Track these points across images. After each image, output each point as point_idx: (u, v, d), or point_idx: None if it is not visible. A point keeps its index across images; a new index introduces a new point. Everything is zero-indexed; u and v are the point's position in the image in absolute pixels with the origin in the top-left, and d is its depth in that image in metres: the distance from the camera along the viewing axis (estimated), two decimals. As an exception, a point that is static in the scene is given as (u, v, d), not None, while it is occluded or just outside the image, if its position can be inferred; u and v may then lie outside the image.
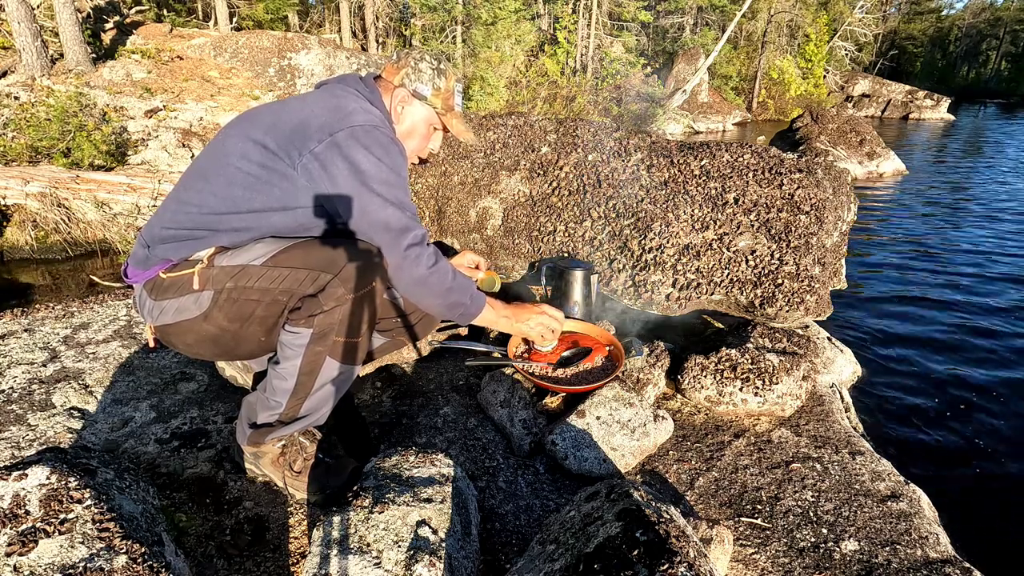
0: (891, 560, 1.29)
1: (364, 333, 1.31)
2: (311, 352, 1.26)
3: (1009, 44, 45.49)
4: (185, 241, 1.30)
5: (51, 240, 5.32)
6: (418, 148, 1.53)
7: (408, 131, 1.49)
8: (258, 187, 1.27)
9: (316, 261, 1.25)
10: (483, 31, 14.33)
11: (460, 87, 1.55)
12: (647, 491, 1.09)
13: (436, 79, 1.48)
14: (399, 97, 1.45)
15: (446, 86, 1.50)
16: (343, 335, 1.27)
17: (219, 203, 1.28)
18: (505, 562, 1.28)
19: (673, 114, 17.54)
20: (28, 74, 8.07)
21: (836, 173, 2.35)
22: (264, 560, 1.25)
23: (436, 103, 1.49)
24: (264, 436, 1.36)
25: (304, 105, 1.32)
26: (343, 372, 1.32)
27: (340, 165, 1.25)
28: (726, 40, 18.09)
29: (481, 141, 2.70)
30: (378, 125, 1.31)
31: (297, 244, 1.29)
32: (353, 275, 1.24)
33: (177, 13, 14.31)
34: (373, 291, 1.28)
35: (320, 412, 1.36)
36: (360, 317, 1.28)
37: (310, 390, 1.30)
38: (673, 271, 2.08)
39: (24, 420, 1.65)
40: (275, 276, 1.25)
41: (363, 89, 1.41)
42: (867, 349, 3.20)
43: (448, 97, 1.51)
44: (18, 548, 0.92)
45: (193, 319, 1.30)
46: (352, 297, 1.24)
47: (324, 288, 1.23)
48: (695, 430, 1.76)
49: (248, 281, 1.26)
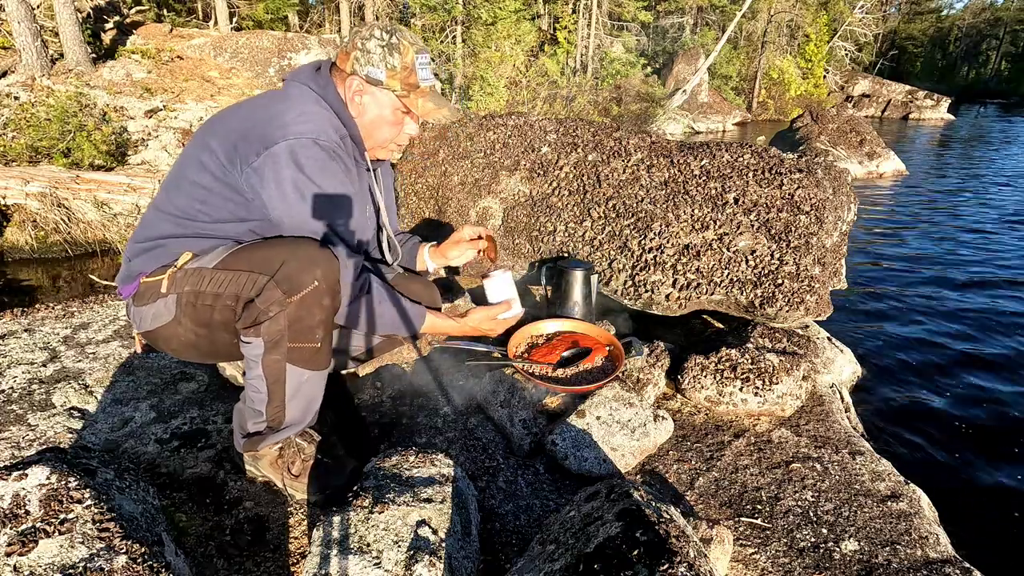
0: (891, 560, 1.29)
1: (321, 337, 1.24)
2: (269, 361, 1.22)
3: (1009, 44, 45.48)
4: (152, 251, 1.31)
5: (51, 240, 5.32)
6: (389, 138, 1.39)
7: (372, 123, 1.36)
8: (212, 200, 1.25)
9: (256, 262, 1.21)
10: (483, 31, 14.33)
11: (424, 58, 1.33)
12: (647, 491, 1.08)
13: (388, 57, 1.29)
14: (353, 87, 1.31)
15: (402, 62, 1.30)
16: (297, 341, 1.21)
17: (181, 214, 1.28)
18: (505, 562, 1.28)
19: (673, 114, 17.53)
20: (28, 74, 8.07)
21: (836, 173, 2.35)
22: (264, 560, 1.25)
23: (394, 85, 1.31)
24: (256, 444, 1.36)
25: (253, 110, 1.26)
26: (312, 377, 1.28)
27: (272, 183, 1.19)
28: (726, 40, 18.10)
29: (481, 138, 2.70)
30: (315, 137, 1.21)
31: (247, 245, 1.26)
32: (290, 276, 1.17)
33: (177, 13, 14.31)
34: (319, 291, 1.20)
35: (307, 416, 1.34)
36: (311, 320, 1.21)
37: (284, 398, 1.27)
38: (673, 271, 2.08)
39: (24, 420, 1.65)
40: (222, 280, 1.22)
41: (315, 85, 1.30)
42: (867, 349, 3.20)
43: (408, 75, 1.31)
44: (18, 548, 0.92)
45: (168, 324, 1.29)
46: (293, 300, 1.18)
47: (261, 292, 1.18)
48: (695, 430, 1.76)
49: (202, 285, 1.24)
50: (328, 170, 1.23)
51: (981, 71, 48.17)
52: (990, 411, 2.67)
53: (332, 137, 1.26)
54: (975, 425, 2.55)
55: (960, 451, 2.38)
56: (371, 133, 1.37)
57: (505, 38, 14.31)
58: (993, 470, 2.26)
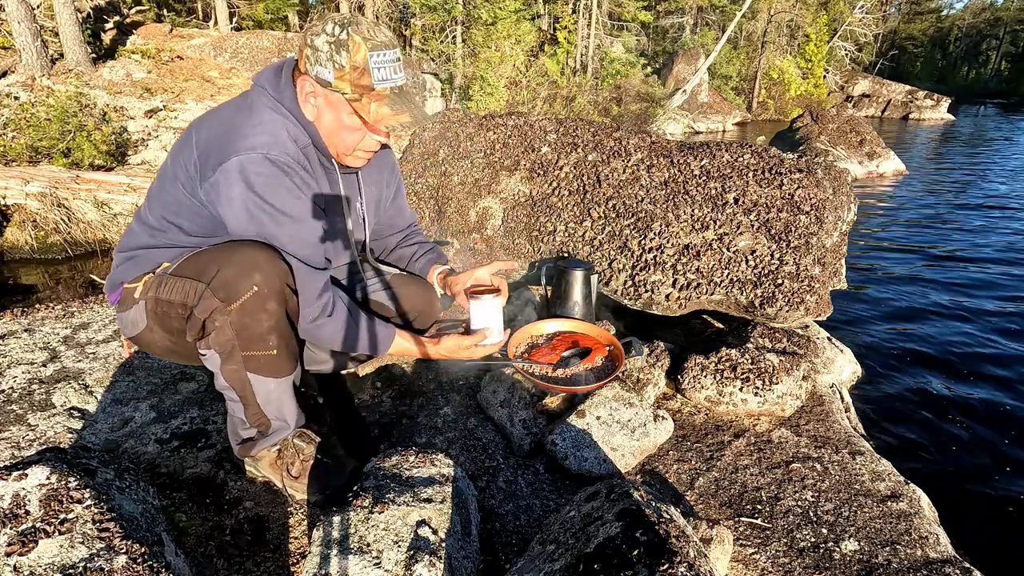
0: (891, 560, 1.29)
1: (275, 344, 1.18)
2: (228, 372, 1.19)
3: (1009, 44, 45.50)
4: (133, 260, 1.30)
5: (51, 240, 5.32)
6: (351, 144, 1.23)
7: (329, 129, 1.21)
8: (184, 214, 1.23)
9: (198, 269, 1.17)
10: (483, 31, 14.33)
11: (383, 56, 1.13)
12: (647, 491, 1.08)
13: (335, 55, 1.12)
14: (305, 89, 1.18)
15: (351, 62, 1.12)
16: (250, 349, 1.16)
17: (158, 227, 1.27)
18: (505, 562, 1.28)
19: (673, 114, 17.54)
20: (28, 74, 8.07)
21: (836, 173, 2.35)
22: (264, 560, 1.25)
23: (344, 87, 1.14)
24: (250, 449, 1.36)
25: (219, 120, 1.19)
26: (280, 384, 1.24)
27: (224, 201, 1.13)
28: (726, 40, 18.11)
29: (481, 138, 2.70)
30: (266, 152, 1.12)
31: (195, 252, 1.23)
32: (226, 282, 1.12)
33: (177, 13, 14.31)
34: (260, 296, 1.13)
35: (290, 418, 1.33)
36: (258, 327, 1.15)
37: (258, 405, 1.25)
38: (673, 271, 2.08)
39: (24, 420, 1.65)
40: (173, 287, 1.19)
41: (272, 89, 1.19)
42: (867, 349, 3.20)
43: (359, 75, 1.13)
44: (18, 548, 0.92)
45: (143, 331, 1.28)
46: (233, 308, 1.13)
47: (199, 300, 1.14)
48: (695, 430, 1.76)
49: (160, 291, 1.22)
50: (280, 186, 1.13)
51: (981, 71, 48.19)
52: (990, 411, 2.67)
53: (289, 148, 1.16)
54: (975, 425, 2.55)
55: (960, 451, 2.38)
56: (330, 139, 1.23)
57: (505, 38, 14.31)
58: (993, 470, 2.26)
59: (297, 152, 1.18)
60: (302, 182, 1.18)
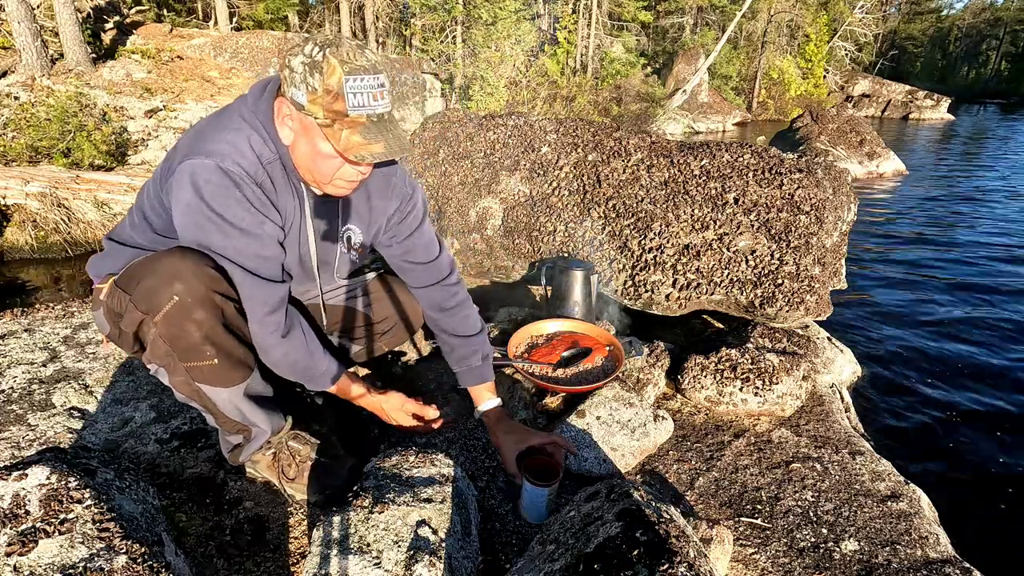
0: (891, 560, 1.29)
1: (212, 353, 1.12)
2: (178, 384, 1.16)
3: (1009, 44, 45.50)
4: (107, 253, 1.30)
5: (51, 240, 5.32)
6: (328, 173, 1.13)
7: (304, 155, 1.13)
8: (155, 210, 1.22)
9: (125, 279, 1.16)
10: (483, 31, 14.33)
11: (362, 81, 1.04)
12: (647, 491, 1.08)
13: (309, 77, 1.04)
14: (283, 113, 1.11)
15: (324, 84, 1.03)
16: (188, 360, 1.11)
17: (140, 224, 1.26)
18: (505, 562, 1.28)
19: (673, 114, 17.54)
20: (28, 74, 8.07)
21: (836, 173, 2.35)
22: (264, 560, 1.25)
23: (316, 112, 1.06)
24: (239, 456, 1.36)
25: (191, 132, 1.17)
26: (232, 391, 1.19)
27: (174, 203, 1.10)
28: (726, 40, 18.11)
29: (481, 138, 2.70)
30: (219, 162, 1.06)
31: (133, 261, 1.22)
32: (146, 294, 1.08)
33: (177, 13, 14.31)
34: (183, 306, 1.07)
35: (262, 423, 1.30)
36: (189, 338, 1.09)
37: (223, 414, 1.23)
38: (673, 271, 2.08)
39: (24, 420, 1.65)
40: (113, 296, 1.18)
41: (252, 102, 1.15)
42: (867, 349, 3.20)
43: (332, 99, 1.04)
44: (18, 548, 0.92)
45: (111, 333, 1.27)
46: (157, 319, 1.08)
47: (124, 312, 1.12)
48: (695, 430, 1.76)
49: (109, 300, 1.21)
50: (230, 197, 1.07)
51: (981, 71, 48.19)
52: (991, 411, 2.67)
53: (245, 161, 1.10)
54: (976, 425, 2.55)
55: (960, 451, 2.38)
56: (305, 166, 1.15)
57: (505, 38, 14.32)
58: (993, 470, 2.26)
59: (256, 166, 1.12)
60: (254, 196, 1.11)
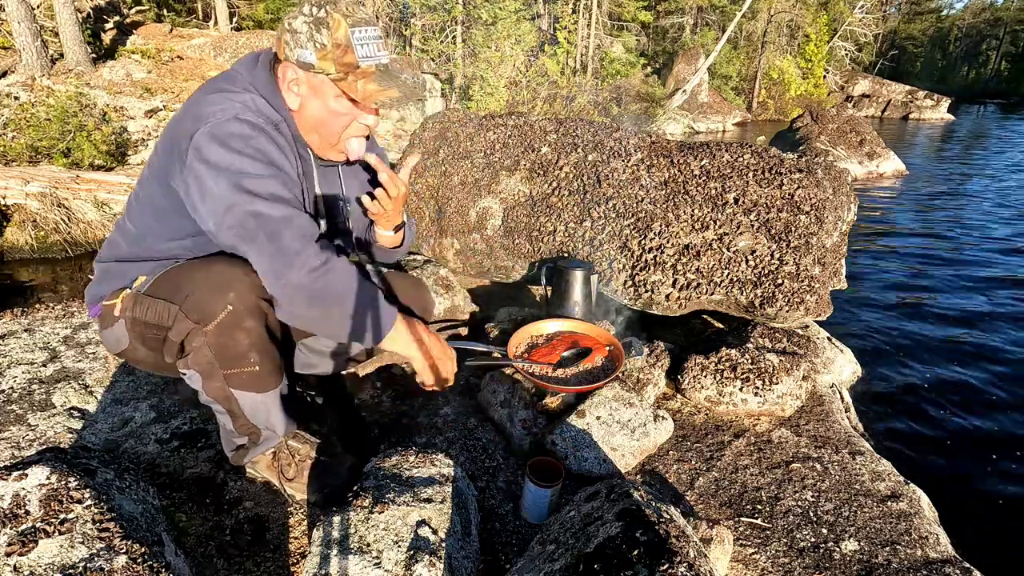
0: (891, 560, 1.29)
1: (256, 361, 1.14)
2: (212, 389, 1.17)
3: (1009, 44, 45.48)
4: (110, 274, 1.27)
5: (51, 240, 5.31)
6: (337, 131, 1.16)
7: (315, 117, 1.15)
8: (165, 219, 1.18)
9: (170, 290, 1.14)
10: (483, 31, 14.32)
11: (366, 32, 1.09)
12: (647, 491, 1.08)
13: (316, 34, 1.07)
14: (288, 78, 1.12)
15: (333, 38, 1.07)
16: (230, 368, 1.13)
17: (137, 234, 1.23)
18: (505, 562, 1.28)
19: (673, 114, 17.54)
20: (28, 74, 8.06)
21: (836, 173, 2.35)
22: (264, 560, 1.25)
23: (327, 67, 1.09)
24: (243, 457, 1.36)
25: (182, 113, 1.12)
26: (266, 398, 1.21)
27: (199, 172, 1.04)
28: (726, 40, 18.10)
29: (481, 138, 2.70)
30: (236, 114, 1.06)
31: (170, 270, 1.20)
32: (199, 304, 1.09)
33: (177, 13, 14.30)
34: (236, 314, 1.09)
35: (279, 428, 1.31)
36: (237, 346, 1.11)
37: (245, 417, 1.23)
38: (673, 271, 2.08)
39: (24, 420, 1.65)
40: (148, 307, 1.17)
41: (246, 73, 1.14)
42: (867, 349, 3.20)
43: (342, 52, 1.08)
44: (18, 548, 0.92)
45: (128, 349, 1.26)
46: (209, 329, 1.09)
47: (174, 323, 1.12)
48: (695, 430, 1.76)
49: (137, 311, 1.19)
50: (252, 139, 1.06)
51: (981, 71, 48.17)
52: (991, 411, 2.67)
53: (262, 116, 1.10)
54: (975, 425, 2.55)
55: (960, 451, 2.38)
56: (316, 128, 1.16)
57: (505, 38, 14.30)
58: (993, 470, 2.26)
59: (268, 123, 1.11)
60: (278, 147, 1.10)
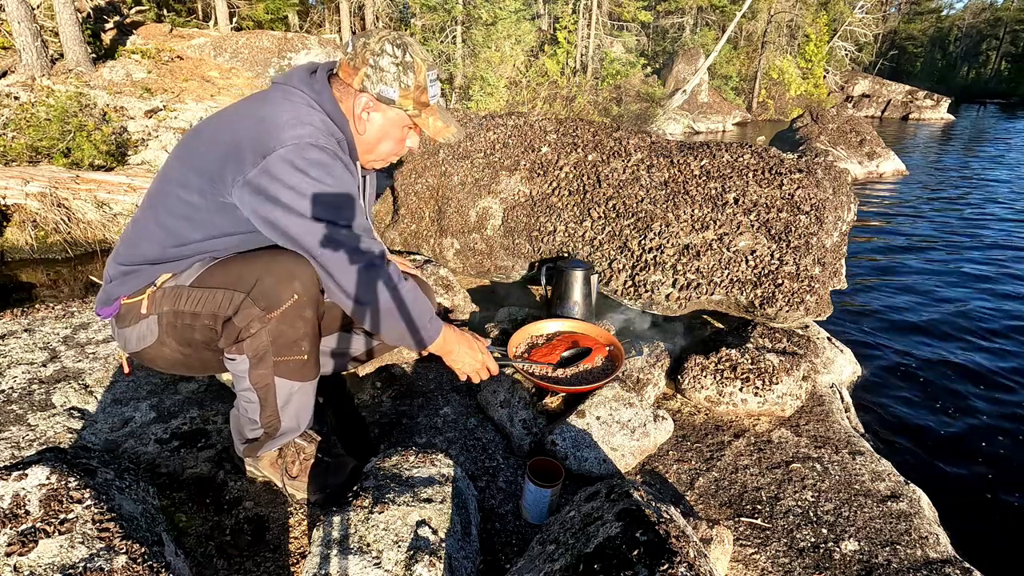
0: (891, 560, 1.29)
1: (307, 350, 1.22)
2: (256, 376, 1.21)
3: (1009, 44, 45.47)
4: (133, 274, 1.27)
5: (51, 240, 5.31)
6: (392, 152, 1.35)
7: (376, 139, 1.31)
8: (199, 217, 1.20)
9: (231, 279, 1.18)
10: (483, 31, 14.32)
11: (434, 75, 1.29)
12: (647, 491, 1.08)
13: (403, 76, 1.23)
14: (362, 104, 1.25)
15: (416, 82, 1.25)
16: (282, 355, 1.20)
17: (164, 235, 1.23)
18: (505, 562, 1.28)
19: (673, 114, 17.53)
20: (28, 74, 8.06)
21: (836, 173, 2.35)
22: (264, 560, 1.25)
23: (407, 105, 1.27)
24: (256, 450, 1.36)
25: (239, 117, 1.19)
26: (303, 387, 1.27)
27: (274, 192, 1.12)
28: (726, 40, 18.09)
29: (481, 138, 2.70)
30: (314, 141, 1.15)
31: (222, 261, 1.23)
32: (267, 292, 1.15)
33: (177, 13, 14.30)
34: (299, 304, 1.17)
35: (302, 421, 1.33)
36: (294, 334, 1.19)
37: (276, 407, 1.26)
38: (673, 271, 2.08)
39: (24, 420, 1.65)
40: (199, 298, 1.20)
41: (308, 89, 1.23)
42: (867, 349, 3.20)
43: (420, 94, 1.26)
44: (18, 548, 0.92)
45: (153, 345, 1.27)
46: (273, 316, 1.16)
47: (238, 310, 1.16)
48: (695, 430, 1.76)
49: (180, 304, 1.21)
50: (331, 167, 1.17)
51: (981, 71, 48.16)
52: (990, 411, 2.66)
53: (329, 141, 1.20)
54: (975, 425, 2.55)
55: (960, 451, 2.38)
56: (373, 147, 1.33)
57: (505, 38, 14.31)
58: (993, 470, 2.26)
59: (335, 145, 1.22)
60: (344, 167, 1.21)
